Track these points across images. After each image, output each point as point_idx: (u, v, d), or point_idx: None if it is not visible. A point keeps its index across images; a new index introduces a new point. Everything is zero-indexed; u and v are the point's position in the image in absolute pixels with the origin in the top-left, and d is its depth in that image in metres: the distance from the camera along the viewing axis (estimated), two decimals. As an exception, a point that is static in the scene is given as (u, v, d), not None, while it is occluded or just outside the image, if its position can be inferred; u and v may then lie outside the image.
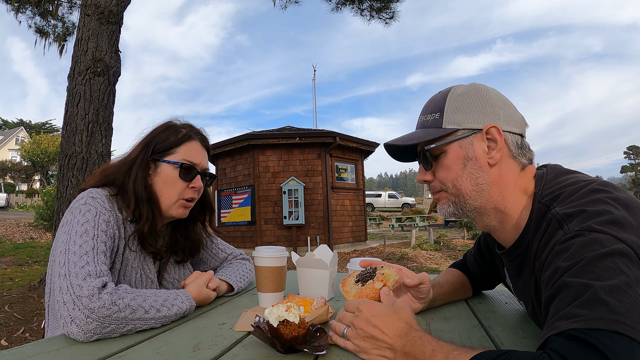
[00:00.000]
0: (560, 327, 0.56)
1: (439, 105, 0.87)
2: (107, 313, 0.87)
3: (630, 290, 0.56)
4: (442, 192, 0.88)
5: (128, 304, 0.91)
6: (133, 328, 0.92)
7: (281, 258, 1.13)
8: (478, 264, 1.17)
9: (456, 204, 0.87)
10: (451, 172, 0.85)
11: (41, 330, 1.40)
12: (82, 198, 1.08)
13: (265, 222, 10.35)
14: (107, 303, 0.88)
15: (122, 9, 5.47)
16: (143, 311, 0.93)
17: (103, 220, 1.04)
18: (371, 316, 0.75)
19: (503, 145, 0.83)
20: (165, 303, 0.99)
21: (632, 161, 64.45)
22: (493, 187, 0.83)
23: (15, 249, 9.17)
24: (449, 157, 0.85)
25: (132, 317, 0.91)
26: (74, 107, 5.07)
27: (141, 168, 1.15)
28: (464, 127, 0.83)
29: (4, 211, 22.43)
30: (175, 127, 1.22)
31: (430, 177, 0.89)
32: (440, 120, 0.85)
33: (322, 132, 11.00)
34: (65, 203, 4.91)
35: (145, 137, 1.21)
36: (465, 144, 0.83)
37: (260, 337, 0.80)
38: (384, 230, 19.31)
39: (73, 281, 0.90)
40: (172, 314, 1.00)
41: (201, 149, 1.23)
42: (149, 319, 0.94)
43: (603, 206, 0.67)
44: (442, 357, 0.62)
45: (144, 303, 0.94)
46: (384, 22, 9.26)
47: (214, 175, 1.29)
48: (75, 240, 0.98)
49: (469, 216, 0.88)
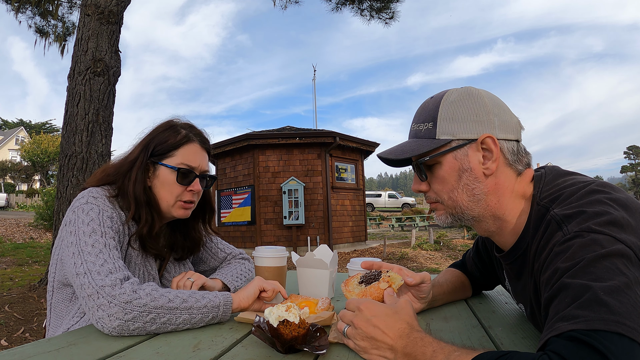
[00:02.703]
0: (561, 328, 0.56)
1: (432, 114, 0.84)
2: (128, 299, 0.89)
3: (629, 291, 0.56)
4: (438, 203, 0.87)
5: (149, 293, 0.92)
6: (156, 318, 0.90)
7: (281, 258, 1.13)
8: (477, 265, 1.17)
9: (453, 215, 0.86)
10: (446, 184, 0.84)
11: (41, 330, 1.40)
12: (83, 197, 1.08)
13: (265, 222, 10.35)
14: (127, 290, 0.90)
15: (122, 9, 5.47)
16: (167, 299, 0.92)
17: (107, 217, 1.05)
18: (372, 316, 0.74)
19: (499, 155, 0.81)
20: (194, 295, 0.96)
21: (632, 161, 64.43)
22: (490, 196, 0.82)
23: (15, 249, 9.17)
24: (444, 169, 0.83)
25: (153, 304, 0.90)
26: (74, 107, 5.07)
27: (140, 170, 1.15)
28: (458, 137, 0.81)
29: (4, 211, 22.43)
30: (175, 127, 1.21)
31: (426, 187, 0.88)
32: (433, 131, 0.83)
33: (322, 132, 11.00)
34: (65, 203, 4.91)
35: (145, 138, 1.20)
36: (460, 155, 0.82)
37: (261, 337, 0.80)
38: (384, 230, 19.31)
39: (95, 277, 0.92)
40: (201, 306, 0.95)
41: (200, 151, 1.21)
42: (173, 309, 0.92)
43: (602, 207, 0.67)
44: (443, 357, 0.62)
45: (168, 293, 0.94)
46: (383, 22, 9.27)
47: (214, 177, 1.28)
48: (86, 241, 0.98)
49: (467, 224, 0.88)
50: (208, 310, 0.96)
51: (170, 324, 0.92)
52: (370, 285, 0.93)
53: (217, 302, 0.98)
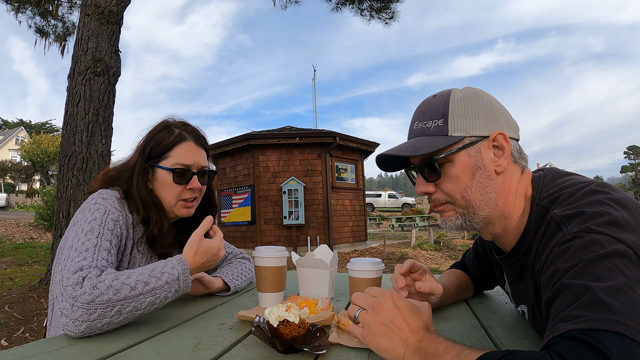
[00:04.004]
0: (561, 328, 0.56)
1: (441, 110, 0.82)
2: (89, 298, 0.86)
3: (629, 291, 0.56)
4: (447, 204, 0.83)
5: (110, 285, 0.88)
6: (122, 309, 0.89)
7: (281, 258, 1.13)
8: (477, 267, 1.17)
9: (464, 215, 0.82)
10: (459, 183, 0.80)
11: (42, 330, 1.40)
12: (93, 199, 1.10)
13: (265, 222, 10.35)
14: (87, 288, 0.87)
15: (122, 9, 5.47)
16: (129, 289, 0.89)
17: (111, 219, 1.06)
18: (398, 305, 0.72)
19: (509, 152, 0.81)
20: (153, 273, 0.94)
21: (632, 161, 64.42)
22: (499, 195, 0.81)
23: (15, 249, 9.17)
24: (457, 167, 0.80)
25: (117, 297, 0.88)
26: (74, 107, 5.07)
27: (140, 175, 1.17)
28: (470, 134, 0.80)
29: (4, 211, 22.43)
30: (169, 128, 1.22)
31: (433, 188, 0.84)
32: (445, 127, 0.80)
33: (322, 132, 11.01)
34: (65, 203, 4.91)
35: (142, 141, 1.23)
36: (474, 153, 0.80)
37: (261, 337, 0.80)
38: (384, 230, 19.31)
39: (64, 274, 0.90)
40: (163, 284, 0.94)
41: (195, 148, 1.22)
42: (137, 296, 0.90)
43: (602, 207, 0.67)
44: (455, 354, 0.62)
45: (128, 280, 0.90)
46: (383, 22, 9.27)
47: (214, 171, 1.30)
48: (80, 238, 0.99)
49: (475, 227, 0.84)
50: (170, 285, 0.95)
51: (137, 309, 0.91)
52: None
53: (176, 274, 0.96)
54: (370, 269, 1.06)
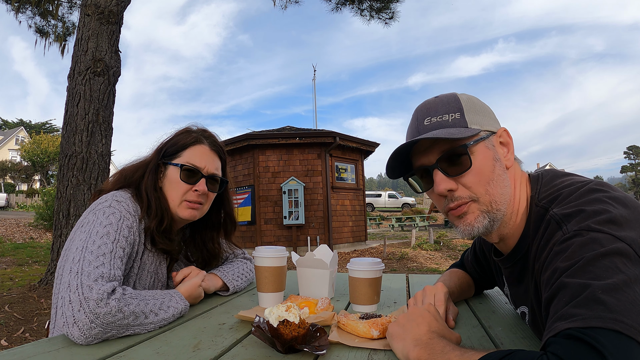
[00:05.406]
0: (558, 327, 0.56)
1: (455, 105, 0.81)
2: (112, 320, 0.86)
3: (628, 289, 0.56)
4: (471, 202, 0.79)
5: (133, 311, 0.91)
6: (132, 333, 0.92)
7: (281, 258, 1.13)
8: (475, 269, 1.17)
9: (490, 213, 0.78)
10: (483, 176, 0.78)
11: (42, 330, 1.40)
12: (107, 201, 1.08)
13: (265, 222, 10.35)
14: (113, 310, 0.86)
15: (122, 9, 5.47)
16: (144, 317, 0.94)
17: (126, 226, 1.06)
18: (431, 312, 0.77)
19: (513, 148, 0.83)
20: (162, 306, 1.00)
21: (632, 161, 64.44)
22: (511, 190, 0.82)
23: (15, 249, 9.17)
24: (479, 159, 0.78)
25: (133, 323, 0.91)
26: (74, 107, 5.08)
27: (152, 171, 1.19)
28: (484, 128, 0.81)
29: (4, 211, 22.44)
30: (189, 131, 1.26)
31: (455, 185, 0.79)
32: (462, 120, 0.80)
33: (322, 132, 11.00)
34: (65, 203, 4.91)
35: (161, 142, 1.26)
36: (490, 145, 0.81)
37: (261, 337, 0.80)
38: (384, 230, 19.31)
39: (84, 281, 0.89)
40: (169, 316, 1.00)
41: (209, 153, 1.24)
42: (148, 324, 0.95)
43: (601, 205, 0.67)
44: (459, 353, 0.63)
45: (145, 308, 0.95)
46: (383, 22, 9.27)
47: (225, 180, 1.30)
48: (95, 240, 0.98)
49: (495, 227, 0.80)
50: (174, 316, 1.02)
51: (141, 331, 0.94)
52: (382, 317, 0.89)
53: (179, 310, 1.04)
54: (370, 269, 1.07)
